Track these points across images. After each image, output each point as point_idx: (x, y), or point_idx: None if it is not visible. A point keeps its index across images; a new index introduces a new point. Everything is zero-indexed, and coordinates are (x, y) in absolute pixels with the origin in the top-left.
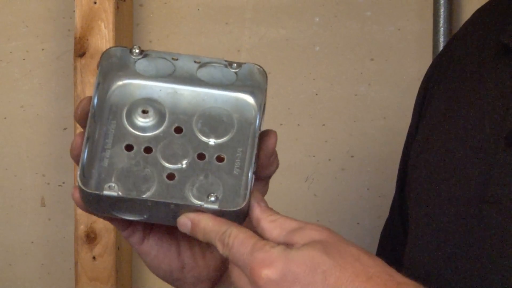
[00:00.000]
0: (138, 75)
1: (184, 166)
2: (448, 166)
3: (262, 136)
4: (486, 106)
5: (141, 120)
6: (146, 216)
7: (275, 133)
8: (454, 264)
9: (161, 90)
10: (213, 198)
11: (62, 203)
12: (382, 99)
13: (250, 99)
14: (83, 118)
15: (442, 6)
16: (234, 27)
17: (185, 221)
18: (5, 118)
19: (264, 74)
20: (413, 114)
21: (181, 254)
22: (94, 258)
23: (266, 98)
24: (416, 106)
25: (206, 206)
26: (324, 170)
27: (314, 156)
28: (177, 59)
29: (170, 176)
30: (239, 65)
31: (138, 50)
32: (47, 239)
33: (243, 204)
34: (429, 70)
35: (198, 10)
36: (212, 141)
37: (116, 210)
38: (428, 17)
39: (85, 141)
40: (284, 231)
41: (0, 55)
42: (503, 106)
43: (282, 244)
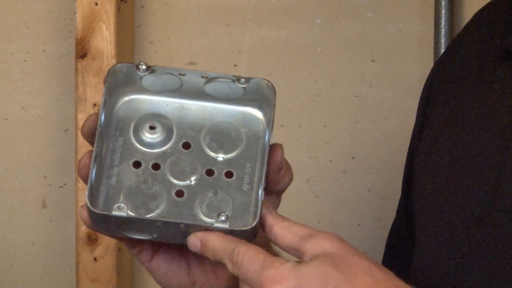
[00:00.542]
0: (144, 90)
1: (192, 182)
2: (455, 173)
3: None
4: (492, 112)
5: (148, 136)
6: (155, 235)
7: (281, 146)
8: (464, 273)
9: (168, 105)
10: (223, 218)
11: (63, 205)
12: (383, 100)
13: (258, 113)
14: (90, 135)
15: (443, 8)
16: (235, 28)
17: (194, 240)
18: (6, 119)
19: (272, 88)
20: (416, 118)
21: (191, 270)
22: (95, 259)
23: (274, 113)
24: (419, 109)
25: (217, 225)
26: (325, 172)
27: (315, 157)
28: (184, 75)
29: (179, 193)
30: (247, 80)
31: (144, 66)
32: (48, 241)
33: (254, 223)
34: (431, 73)
35: (199, 11)
36: (220, 156)
37: (124, 230)
38: (429, 18)
39: (93, 160)
40: (296, 238)
41: (1, 56)
42: (509, 113)
43: (293, 250)
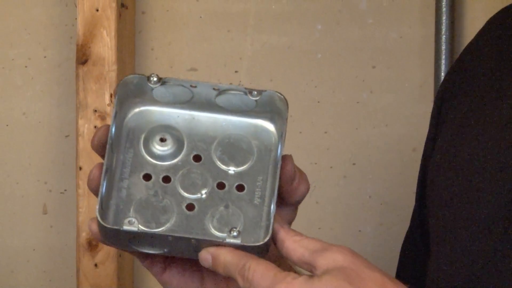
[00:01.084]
0: (155, 102)
1: (203, 196)
2: (471, 182)
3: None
4: (507, 123)
5: (159, 148)
6: (166, 250)
7: (290, 157)
8: (479, 285)
9: (178, 116)
10: (235, 233)
11: (64, 210)
12: (384, 106)
13: (269, 126)
14: (100, 148)
15: (444, 14)
16: (236, 34)
17: (206, 256)
18: (7, 125)
19: (285, 101)
20: (430, 126)
21: (204, 283)
22: (96, 265)
23: (286, 127)
24: (432, 118)
25: (228, 240)
26: (326, 178)
27: (316, 163)
28: (195, 87)
29: (190, 206)
30: (259, 92)
31: (156, 78)
32: (49, 246)
33: (266, 238)
34: (442, 84)
35: (201, 17)
36: (231, 169)
37: (135, 244)
38: (430, 24)
39: (103, 173)
40: (307, 252)
41: (2, 62)
42: None
43: (305, 264)
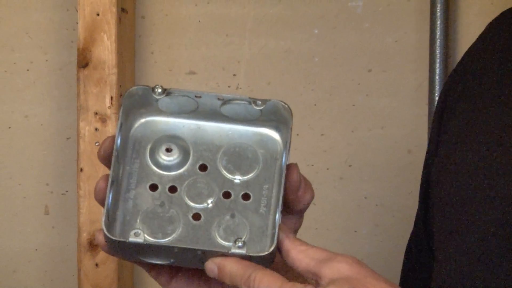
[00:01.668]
0: (160, 112)
1: (209, 205)
2: (474, 186)
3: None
4: (511, 125)
5: (165, 158)
6: (172, 260)
7: (296, 165)
8: None
9: (184, 126)
10: (240, 244)
11: (65, 211)
12: (380, 109)
13: (274, 135)
14: (106, 158)
15: (438, 19)
16: (234, 39)
17: (211, 266)
18: (9, 128)
19: (289, 111)
20: (431, 131)
21: None
22: (96, 265)
23: (291, 135)
24: (434, 123)
25: (233, 251)
26: (322, 179)
27: (313, 165)
28: (200, 97)
29: (196, 216)
30: (264, 102)
31: (160, 90)
32: (51, 247)
33: (271, 249)
34: (445, 86)
35: (199, 22)
36: (237, 178)
37: (142, 255)
38: (425, 29)
39: (109, 185)
40: (313, 261)
41: (4, 66)
42: None
43: (311, 274)
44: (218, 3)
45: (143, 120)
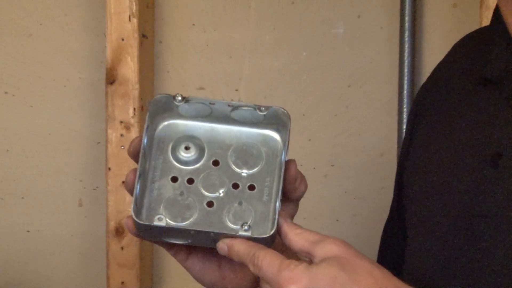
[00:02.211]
0: (180, 116)
1: (221, 194)
2: (440, 184)
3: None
4: (472, 131)
5: (184, 155)
6: (190, 240)
7: (294, 161)
8: (449, 271)
9: (200, 128)
10: (246, 227)
11: (96, 204)
12: (358, 118)
13: (275, 135)
14: (135, 154)
15: (406, 43)
16: (236, 59)
17: (222, 246)
18: (49, 134)
19: (287, 115)
20: (405, 133)
21: (221, 268)
22: (122, 248)
23: (289, 136)
24: (407, 127)
25: (240, 233)
26: (310, 177)
27: (301, 165)
28: (213, 104)
29: (210, 203)
30: (267, 108)
31: (180, 98)
32: (84, 233)
33: (272, 231)
34: (416, 98)
35: (207, 45)
36: (244, 172)
37: (164, 236)
38: (395, 52)
39: (137, 177)
40: (307, 243)
41: (45, 83)
42: (486, 132)
43: (305, 253)
44: (222, 30)
45: (166, 123)
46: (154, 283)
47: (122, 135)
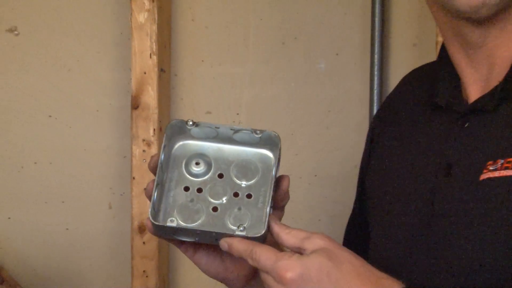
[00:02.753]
0: (192, 137)
1: (224, 201)
2: (401, 190)
3: (279, 179)
4: (427, 146)
5: (195, 169)
6: (197, 239)
7: (288, 177)
8: (409, 268)
9: (208, 147)
10: (242, 228)
11: (123, 207)
12: (336, 137)
13: (269, 154)
14: (154, 168)
15: (376, 76)
16: (237, 89)
17: (223, 243)
18: (84, 149)
19: (278, 137)
20: (365, 148)
21: (224, 261)
22: (144, 243)
23: (280, 154)
24: (366, 143)
25: (237, 233)
26: (296, 185)
27: (290, 175)
28: (218, 128)
29: (215, 209)
30: (261, 131)
31: (191, 122)
32: (112, 231)
33: (263, 231)
34: (374, 120)
35: (213, 78)
36: (243, 183)
37: (175, 235)
38: (366, 81)
39: (155, 186)
40: (297, 240)
41: (82, 108)
42: (439, 147)
43: (296, 248)
44: (226, 65)
45: (181, 142)
46: (170, 271)
47: (144, 151)
